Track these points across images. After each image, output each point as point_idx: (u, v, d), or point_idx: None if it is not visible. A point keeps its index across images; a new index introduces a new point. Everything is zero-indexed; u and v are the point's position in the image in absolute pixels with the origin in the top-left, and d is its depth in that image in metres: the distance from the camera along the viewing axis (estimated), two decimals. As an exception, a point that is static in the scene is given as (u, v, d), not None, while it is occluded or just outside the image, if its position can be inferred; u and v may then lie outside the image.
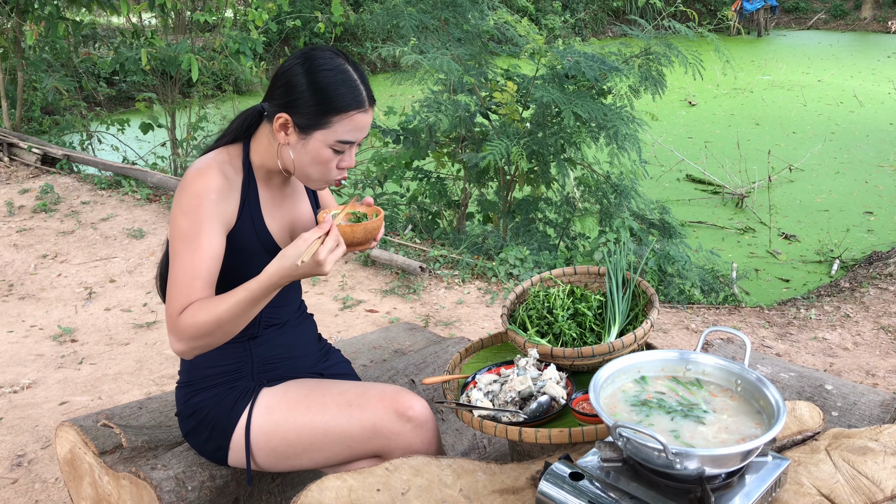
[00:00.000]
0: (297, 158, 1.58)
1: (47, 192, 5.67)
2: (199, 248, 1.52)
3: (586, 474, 1.26)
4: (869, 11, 21.28)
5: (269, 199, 1.67)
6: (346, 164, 1.61)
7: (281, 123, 1.56)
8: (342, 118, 1.54)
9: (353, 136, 1.57)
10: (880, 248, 5.61)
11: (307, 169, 1.59)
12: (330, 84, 1.53)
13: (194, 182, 1.54)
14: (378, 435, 1.59)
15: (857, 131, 9.47)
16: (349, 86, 1.54)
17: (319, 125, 1.54)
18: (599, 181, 4.92)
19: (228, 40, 6.64)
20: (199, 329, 1.48)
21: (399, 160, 5.26)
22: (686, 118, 10.51)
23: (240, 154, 1.64)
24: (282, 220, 1.69)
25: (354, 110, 1.54)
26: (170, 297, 1.52)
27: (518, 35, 4.61)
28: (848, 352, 3.64)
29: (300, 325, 1.83)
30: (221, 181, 1.56)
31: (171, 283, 1.52)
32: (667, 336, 3.76)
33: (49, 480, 2.55)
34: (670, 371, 1.42)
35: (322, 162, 1.57)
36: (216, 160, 1.59)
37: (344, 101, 1.53)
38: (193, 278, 1.51)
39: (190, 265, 1.51)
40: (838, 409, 1.81)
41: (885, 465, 1.34)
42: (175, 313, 1.50)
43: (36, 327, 3.77)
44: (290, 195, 1.74)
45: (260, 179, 1.66)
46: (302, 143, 1.56)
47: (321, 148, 1.55)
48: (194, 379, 1.70)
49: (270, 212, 1.67)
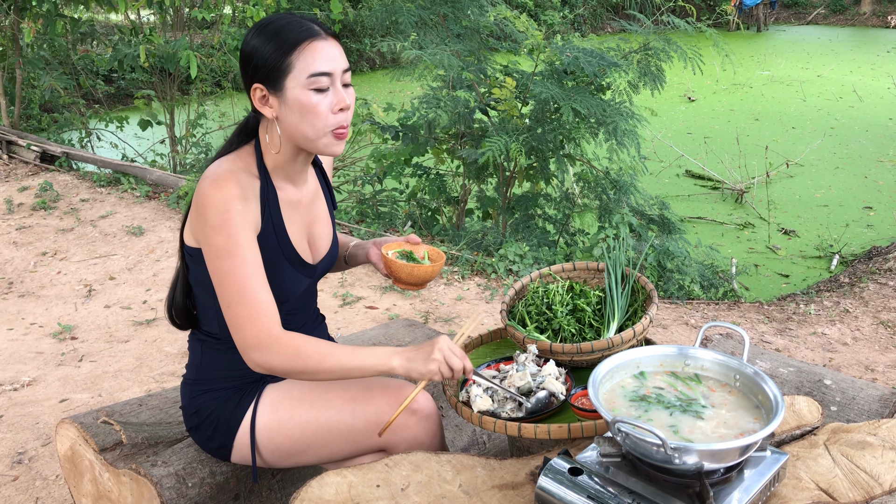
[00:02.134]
0: (287, 123, 1.51)
1: (46, 189, 5.66)
2: (246, 261, 1.48)
3: (585, 469, 1.26)
4: (868, 6, 21.27)
5: (288, 203, 1.62)
6: (338, 104, 1.50)
7: (259, 97, 1.51)
8: (300, 52, 1.47)
9: (322, 66, 1.48)
10: (880, 243, 5.61)
11: (301, 128, 1.51)
12: (276, 30, 1.49)
13: (214, 195, 1.47)
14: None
15: (857, 126, 9.47)
16: (295, 23, 1.50)
17: (284, 72, 1.47)
18: (599, 177, 4.92)
19: (227, 37, 6.64)
20: (301, 358, 1.47)
21: (398, 156, 5.25)
22: (685, 114, 10.50)
23: (253, 158, 1.58)
24: (300, 224, 1.65)
25: (307, 40, 1.48)
26: (247, 316, 1.47)
27: (517, 31, 4.60)
28: (847, 347, 3.64)
29: (314, 330, 1.81)
30: (239, 190, 1.49)
31: (236, 302, 1.47)
32: (666, 331, 3.76)
33: (50, 478, 2.56)
34: (669, 366, 1.42)
35: (309, 110, 1.48)
36: (229, 169, 1.52)
37: (293, 35, 1.47)
38: (257, 291, 1.48)
39: (246, 279, 1.47)
40: (837, 403, 1.81)
41: (883, 460, 1.34)
42: (269, 330, 1.47)
43: (36, 325, 3.78)
44: (308, 198, 1.68)
45: (277, 183, 1.60)
46: (283, 104, 1.50)
47: (299, 94, 1.48)
48: (202, 378, 1.69)
49: (289, 216, 1.62)
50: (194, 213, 1.52)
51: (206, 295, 1.63)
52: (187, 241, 1.60)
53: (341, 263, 1.91)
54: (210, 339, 1.67)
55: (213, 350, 1.67)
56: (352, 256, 1.88)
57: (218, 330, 1.65)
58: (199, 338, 1.70)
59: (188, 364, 1.74)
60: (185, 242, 1.61)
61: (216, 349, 1.67)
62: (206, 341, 1.68)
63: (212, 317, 1.64)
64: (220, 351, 1.66)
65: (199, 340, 1.70)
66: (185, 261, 1.64)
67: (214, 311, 1.62)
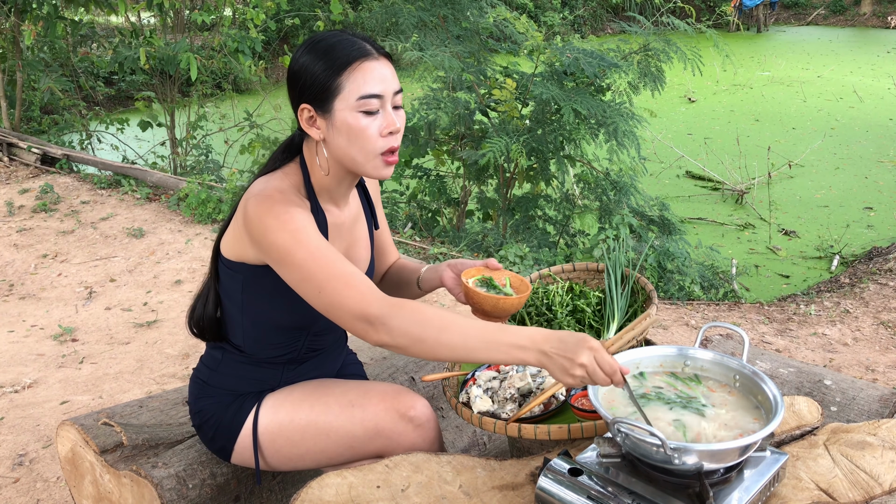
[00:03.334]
0: (335, 145, 1.46)
1: (47, 191, 5.67)
2: (320, 246, 1.39)
3: (585, 470, 1.26)
4: (868, 7, 21.27)
5: (334, 225, 1.58)
6: (388, 128, 1.44)
7: (307, 118, 1.46)
8: (350, 73, 1.41)
9: (373, 88, 1.42)
10: (880, 244, 5.61)
11: (349, 151, 1.45)
12: (327, 48, 1.43)
13: (269, 206, 1.41)
14: (380, 435, 1.58)
15: (857, 127, 9.47)
16: (346, 42, 1.44)
17: (333, 93, 1.42)
18: (599, 178, 4.92)
19: (227, 39, 6.64)
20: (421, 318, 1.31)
21: (398, 158, 5.25)
22: (685, 114, 10.50)
23: (301, 179, 1.53)
24: (340, 246, 1.62)
25: (359, 60, 1.42)
26: (344, 288, 1.35)
27: (517, 32, 4.61)
28: (848, 347, 3.64)
29: (339, 350, 1.79)
30: (295, 205, 1.43)
31: (327, 280, 1.36)
32: (666, 332, 3.76)
33: (50, 479, 2.56)
34: (669, 367, 1.42)
35: (357, 133, 1.42)
36: (279, 188, 1.46)
37: (344, 55, 1.42)
38: (344, 264, 1.38)
39: (329, 259, 1.37)
40: (837, 404, 1.81)
41: (883, 460, 1.34)
42: (374, 292, 1.35)
43: (36, 327, 3.78)
44: (349, 220, 1.64)
45: (324, 205, 1.56)
46: (331, 126, 1.44)
47: (348, 116, 1.42)
48: (213, 382, 1.68)
49: (334, 240, 1.58)
50: (244, 229, 1.45)
51: (234, 308, 1.62)
52: (226, 254, 1.57)
53: (414, 289, 1.79)
54: (233, 350, 1.66)
55: (233, 361, 1.66)
56: (425, 281, 1.77)
57: (242, 343, 1.64)
58: (222, 346, 1.68)
59: (203, 361, 1.72)
60: (222, 254, 1.59)
61: (236, 361, 1.66)
62: (228, 351, 1.67)
63: (238, 331, 1.64)
64: (239, 362, 1.66)
65: (220, 349, 1.68)
66: (218, 272, 1.62)
67: (241, 326, 1.62)
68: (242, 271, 1.55)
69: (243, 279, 1.56)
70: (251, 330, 1.62)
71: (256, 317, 1.60)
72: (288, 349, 1.65)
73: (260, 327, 1.61)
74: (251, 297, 1.57)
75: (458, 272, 1.69)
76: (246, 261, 1.53)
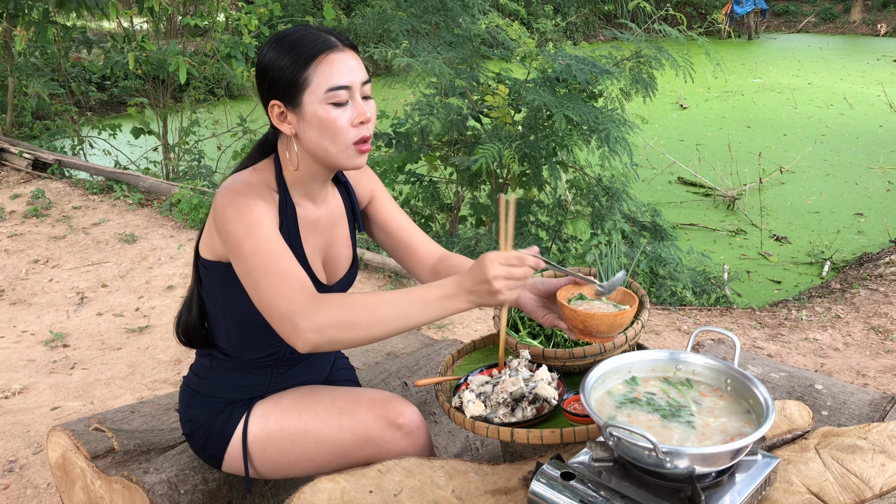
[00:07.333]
0: (306, 139, 1.46)
1: (38, 197, 5.65)
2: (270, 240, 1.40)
3: (577, 474, 1.26)
4: (858, 14, 21.44)
5: (306, 220, 1.58)
6: (359, 117, 1.44)
7: (277, 114, 1.47)
8: (317, 66, 1.41)
9: (341, 80, 1.42)
10: (870, 250, 5.64)
11: (321, 143, 1.45)
12: (292, 43, 1.43)
13: (232, 198, 1.43)
14: (369, 443, 1.58)
15: (847, 133, 9.53)
16: (311, 35, 1.44)
17: (301, 87, 1.42)
18: (591, 184, 4.94)
19: (220, 44, 6.63)
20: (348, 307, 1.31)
21: (391, 163, 5.26)
22: (677, 121, 10.55)
23: (272, 173, 1.53)
24: (316, 243, 1.61)
25: (324, 52, 1.42)
26: (278, 285, 1.35)
27: (509, 39, 4.62)
28: (839, 352, 3.65)
29: (322, 353, 1.78)
30: (259, 197, 1.45)
31: (264, 276, 1.37)
32: (659, 337, 3.77)
33: (41, 486, 2.54)
34: (661, 371, 1.42)
35: (328, 125, 1.43)
36: (247, 181, 1.48)
37: (309, 48, 1.42)
38: (286, 261, 1.38)
39: (272, 254, 1.38)
40: (828, 408, 1.82)
41: (873, 463, 1.35)
42: (305, 290, 1.35)
43: (27, 332, 3.76)
44: (328, 218, 1.63)
45: (296, 199, 1.56)
46: (301, 120, 1.45)
47: (318, 109, 1.42)
48: (202, 390, 1.67)
49: (306, 234, 1.58)
50: (212, 222, 1.48)
51: (217, 310, 1.62)
52: (203, 254, 1.58)
53: None
54: (220, 356, 1.66)
55: (221, 367, 1.66)
56: None
57: (228, 346, 1.64)
58: (210, 353, 1.68)
59: (192, 370, 1.72)
60: (200, 255, 1.59)
61: (224, 366, 1.66)
62: (216, 357, 1.67)
63: (222, 333, 1.64)
64: (227, 368, 1.66)
65: (208, 355, 1.68)
66: (199, 275, 1.62)
67: (225, 327, 1.62)
68: (219, 270, 1.55)
69: (220, 277, 1.56)
70: (235, 331, 1.62)
71: (238, 316, 1.59)
72: (273, 349, 1.65)
73: (243, 327, 1.61)
74: (230, 295, 1.57)
75: (541, 293, 1.60)
76: (220, 258, 1.54)
